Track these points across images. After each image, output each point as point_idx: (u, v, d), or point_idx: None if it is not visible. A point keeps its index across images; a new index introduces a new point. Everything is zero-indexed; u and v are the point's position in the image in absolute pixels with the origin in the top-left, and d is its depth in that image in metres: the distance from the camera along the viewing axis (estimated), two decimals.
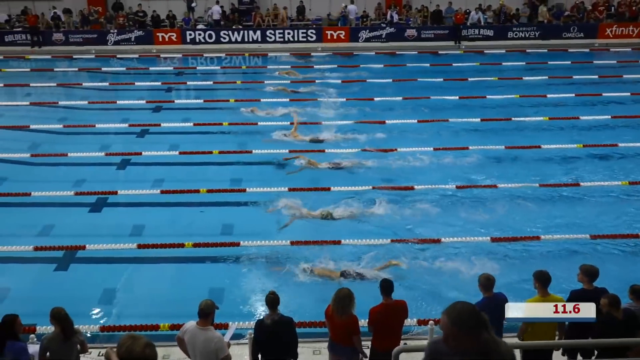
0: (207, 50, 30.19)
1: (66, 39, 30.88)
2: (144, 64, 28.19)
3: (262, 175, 15.41)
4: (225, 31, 31.36)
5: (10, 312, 6.94)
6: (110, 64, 28.43)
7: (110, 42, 30.94)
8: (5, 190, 14.39)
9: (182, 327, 7.08)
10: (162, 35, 31.20)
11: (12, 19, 32.69)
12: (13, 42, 30.73)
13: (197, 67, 27.05)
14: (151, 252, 11.71)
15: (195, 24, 32.40)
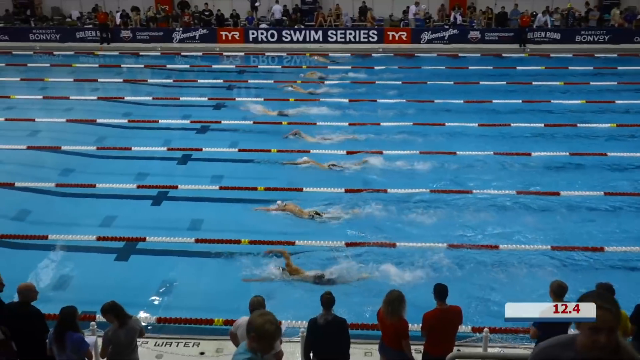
0: (268, 50, 30.49)
1: (133, 36, 31.73)
2: (207, 61, 28.72)
3: (318, 176, 15.42)
4: (287, 31, 31.59)
5: (73, 299, 7.17)
6: (175, 62, 29.07)
7: (175, 40, 31.63)
8: (72, 181, 14.93)
9: (235, 322, 7.17)
10: (226, 33, 31.68)
11: (83, 16, 33.82)
12: (83, 38, 31.79)
13: (259, 66, 27.36)
14: (208, 247, 11.91)
15: (258, 23, 32.77)
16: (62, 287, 10.76)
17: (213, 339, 9.02)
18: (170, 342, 8.90)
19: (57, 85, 24.13)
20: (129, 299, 9.97)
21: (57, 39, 31.72)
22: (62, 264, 11.55)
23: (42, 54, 29.92)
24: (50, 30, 32.11)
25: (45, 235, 12.16)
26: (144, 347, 8.13)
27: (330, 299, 7.18)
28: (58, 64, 28.20)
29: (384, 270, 10.96)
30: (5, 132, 18.63)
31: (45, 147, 17.40)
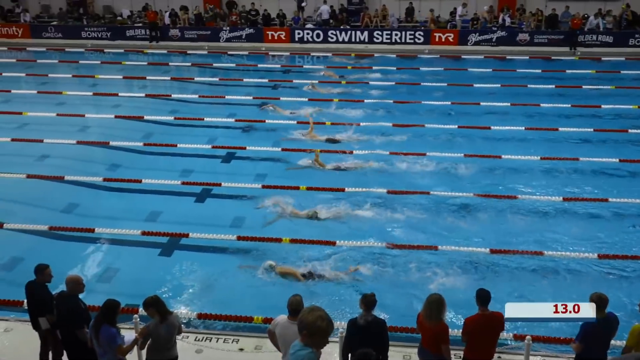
0: (314, 50, 30.57)
1: (182, 35, 32.23)
2: (252, 61, 28.97)
3: (360, 177, 15.38)
4: (333, 31, 31.61)
5: (116, 292, 7.32)
6: (221, 60, 29.40)
7: (222, 39, 31.99)
8: (119, 176, 15.26)
9: (273, 320, 7.21)
10: (272, 33, 31.89)
11: (134, 15, 34.52)
12: (133, 36, 32.44)
13: (304, 66, 27.47)
14: (249, 245, 12.01)
15: (304, 23, 32.89)
16: (106, 279, 11.00)
17: (252, 336, 9.10)
18: (210, 337, 9.01)
19: (106, 82, 24.70)
20: (170, 294, 10.19)
21: (108, 37, 32.45)
22: (107, 257, 11.81)
23: (93, 52, 30.66)
24: (101, 28, 32.87)
25: (92, 228, 12.47)
26: (185, 342, 8.25)
27: (372, 300, 7.15)
28: (108, 62, 28.85)
29: (424, 274, 10.88)
30: (57, 127, 19.15)
31: (94, 142, 17.82)
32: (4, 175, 15.27)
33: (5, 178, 15.16)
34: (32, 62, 28.54)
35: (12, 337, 9.08)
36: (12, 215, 13.29)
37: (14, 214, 13.36)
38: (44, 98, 22.42)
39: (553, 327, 9.13)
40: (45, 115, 20.14)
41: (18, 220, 12.91)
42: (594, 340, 6.95)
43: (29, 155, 16.93)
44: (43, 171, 15.56)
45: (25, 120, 19.92)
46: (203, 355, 8.61)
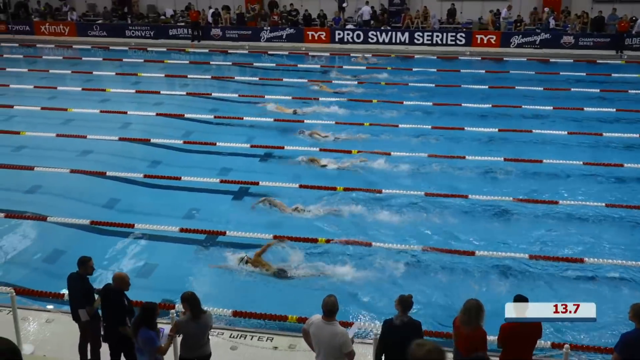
0: (354, 50, 30.53)
1: (223, 34, 32.55)
2: (292, 61, 29.08)
3: (400, 179, 15.31)
4: (374, 32, 31.53)
5: (154, 287, 7.42)
6: (262, 60, 29.58)
7: (263, 38, 32.21)
8: (159, 173, 15.49)
9: (307, 320, 7.21)
10: (312, 33, 31.97)
11: (177, 14, 35.01)
12: (175, 35, 32.90)
13: (343, 67, 27.43)
14: (284, 243, 12.03)
15: (345, 24, 32.87)
16: (144, 274, 11.16)
17: (286, 334, 9.13)
18: (245, 334, 9.07)
19: (149, 80, 25.11)
20: (207, 291, 10.27)
21: (151, 35, 32.98)
22: (145, 252, 11.98)
23: (137, 50, 31.21)
24: (145, 27, 33.43)
25: (132, 223, 12.68)
26: (219, 338, 8.32)
27: (409, 302, 7.10)
28: (151, 60, 29.31)
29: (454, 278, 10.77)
30: (100, 123, 19.53)
31: (136, 139, 18.11)
32: (49, 169, 15.64)
33: (50, 172, 15.52)
34: (78, 59, 29.19)
35: (53, 328, 9.29)
36: (56, 208, 13.60)
37: (58, 208, 13.68)
38: (88, 95, 22.91)
39: (593, 336, 8.95)
40: (89, 111, 20.59)
41: (61, 214, 13.21)
42: (635, 350, 6.77)
43: (72, 150, 17.32)
44: (86, 166, 15.90)
45: (69, 116, 20.38)
46: (237, 352, 8.67)
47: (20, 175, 15.45)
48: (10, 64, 28.12)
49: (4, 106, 21.16)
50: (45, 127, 18.92)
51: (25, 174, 15.47)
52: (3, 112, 20.67)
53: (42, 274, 11.30)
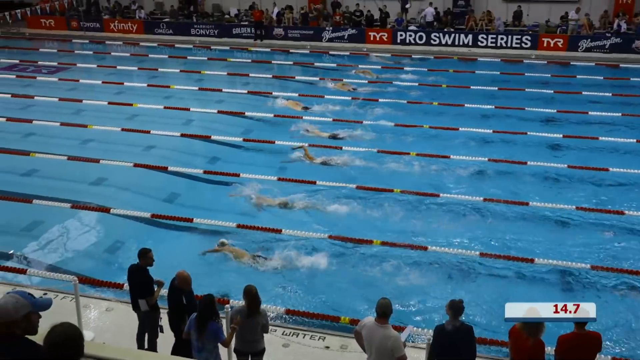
0: (415, 52, 30.24)
1: (285, 34, 32.81)
2: (353, 61, 29.01)
3: (459, 183, 15.11)
4: (436, 33, 31.16)
5: (211, 283, 7.54)
6: (323, 60, 29.65)
7: (324, 38, 32.29)
8: (218, 169, 15.75)
9: (360, 321, 7.19)
10: (374, 34, 31.84)
11: (241, 14, 35.50)
12: (239, 34, 33.35)
13: (404, 68, 27.20)
14: (340, 245, 12.05)
15: (407, 25, 32.62)
16: (202, 269, 11.34)
17: (338, 335, 9.13)
18: (297, 332, 9.12)
19: (212, 77, 25.54)
20: (262, 287, 10.36)
21: (215, 34, 33.53)
22: (204, 247, 12.17)
23: (201, 48, 31.78)
24: (209, 25, 34.03)
25: (190, 218, 12.93)
26: (272, 335, 8.39)
27: (460, 307, 6.99)
28: (214, 58, 29.82)
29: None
30: (163, 119, 20.02)
31: (197, 136, 18.45)
32: (113, 162, 16.13)
33: (114, 165, 16.00)
34: (144, 56, 29.98)
35: (112, 317, 9.58)
36: (119, 200, 14.03)
37: (120, 200, 14.10)
38: (153, 91, 23.50)
39: None
40: (154, 107, 21.11)
41: (123, 206, 13.61)
42: None
43: (136, 144, 17.81)
44: (148, 160, 16.32)
45: (135, 111, 20.96)
46: (290, 349, 8.73)
47: (86, 167, 15.99)
48: (81, 59, 29.14)
49: (74, 100, 21.96)
50: (111, 122, 19.53)
51: (91, 166, 16.01)
52: (73, 106, 21.45)
53: (103, 263, 11.67)
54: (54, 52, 31.06)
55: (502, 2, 32.79)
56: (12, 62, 28.13)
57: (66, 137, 18.44)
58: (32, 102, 22.07)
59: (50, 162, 16.39)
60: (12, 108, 21.42)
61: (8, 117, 20.11)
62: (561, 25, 31.03)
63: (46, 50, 31.31)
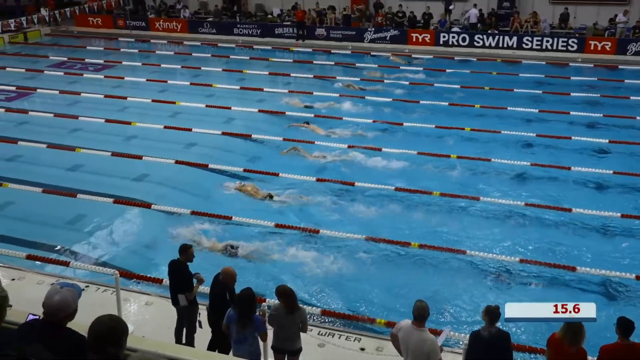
0: (458, 54, 29.92)
1: (327, 34, 32.83)
2: (394, 62, 28.82)
3: (500, 187, 14.91)
4: (480, 35, 30.78)
5: (250, 281, 7.60)
6: (364, 61, 29.56)
7: (366, 39, 32.20)
8: (258, 168, 15.83)
9: (396, 324, 7.15)
10: (416, 35, 31.63)
11: (283, 14, 35.69)
12: (281, 34, 33.52)
13: (446, 70, 26.93)
14: (379, 247, 12.01)
15: (451, 27, 32.31)
16: (242, 267, 11.41)
17: (374, 337, 9.11)
18: (333, 333, 9.12)
19: (253, 77, 25.72)
20: (299, 287, 10.41)
21: (258, 34, 33.77)
22: (246, 244, 12.19)
23: (243, 48, 32.03)
24: (252, 25, 34.30)
25: (230, 216, 13.05)
26: (308, 334, 8.39)
27: (497, 313, 6.89)
28: (256, 57, 30.02)
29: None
30: (205, 117, 20.24)
31: (238, 134, 18.60)
32: (155, 159, 16.38)
33: (156, 162, 16.26)
34: (188, 55, 30.37)
35: (151, 311, 9.73)
36: (160, 197, 14.24)
37: (162, 196, 14.31)
38: (196, 89, 23.78)
39: None
40: (196, 105, 21.37)
41: (164, 202, 13.82)
42: None
43: (178, 142, 18.05)
44: (190, 158, 16.53)
45: (177, 109, 21.26)
46: (325, 349, 8.73)
47: (129, 163, 16.29)
48: (126, 57, 29.70)
49: (119, 97, 22.40)
50: (154, 119, 19.85)
51: (134, 163, 16.30)
52: (118, 103, 21.88)
53: (144, 258, 11.86)
54: (101, 50, 31.74)
55: (548, 4, 32.22)
56: (61, 60, 28.85)
57: (110, 133, 18.82)
58: (79, 98, 22.61)
59: (95, 157, 16.75)
60: (60, 104, 21.98)
61: (56, 112, 20.63)
62: (609, 28, 30.31)
63: (93, 48, 32.01)
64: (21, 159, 16.95)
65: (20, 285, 9.76)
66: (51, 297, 4.23)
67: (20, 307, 6.15)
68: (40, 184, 14.83)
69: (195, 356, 6.26)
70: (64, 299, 4.23)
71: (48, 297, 4.25)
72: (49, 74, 26.18)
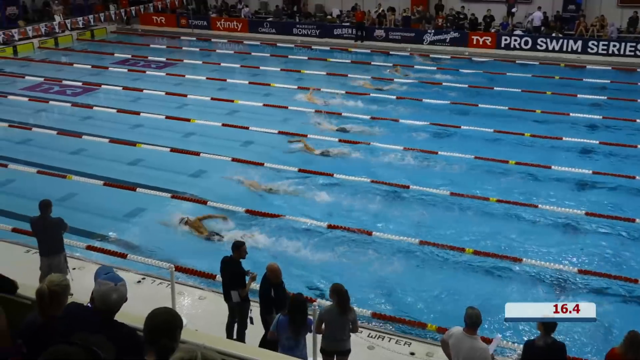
0: (520, 57, 29.27)
1: (386, 35, 32.66)
2: (454, 65, 28.42)
3: (558, 192, 14.54)
4: (543, 39, 30.04)
5: (300, 279, 7.63)
6: (422, 63, 29.22)
7: (425, 41, 31.88)
8: (313, 168, 15.88)
9: (448, 330, 7.06)
10: (477, 38, 31.12)
11: (343, 14, 35.71)
12: (340, 35, 33.55)
13: (507, 74, 26.38)
14: (431, 250, 11.89)
15: (513, 29, 31.66)
16: (290, 265, 11.46)
17: (424, 341, 9.01)
18: (383, 336, 9.08)
19: (311, 77, 25.83)
20: (351, 288, 10.39)
21: (317, 34, 33.88)
22: (293, 243, 12.28)
23: (302, 48, 32.19)
24: (311, 26, 34.45)
25: (281, 214, 13.15)
26: (358, 336, 8.38)
27: (553, 323, 6.71)
28: (314, 58, 30.11)
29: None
30: (262, 116, 20.43)
31: (294, 134, 18.61)
32: (213, 156, 16.63)
33: (213, 159, 16.50)
34: (247, 54, 30.75)
35: (204, 305, 9.90)
36: (215, 193, 14.46)
37: (217, 193, 14.52)
38: (254, 88, 24.04)
39: None
40: (253, 104, 21.60)
41: (220, 199, 14.03)
42: None
43: (235, 140, 18.30)
44: (246, 156, 16.73)
45: (235, 107, 21.56)
46: (374, 352, 8.69)
47: (187, 160, 16.60)
48: (187, 55, 30.31)
49: (179, 95, 22.87)
50: (213, 117, 20.17)
51: (191, 159, 16.61)
52: (178, 100, 22.35)
53: (198, 254, 12.04)
54: (163, 48, 32.47)
55: (616, 7, 31.16)
56: (125, 57, 29.65)
57: (170, 129, 19.25)
58: (141, 95, 23.20)
59: (154, 152, 17.16)
60: (123, 100, 22.62)
61: (119, 108, 21.23)
62: None
63: (156, 46, 32.76)
64: (84, 152, 17.52)
65: (80, 274, 10.06)
66: (109, 294, 4.27)
67: (79, 295, 6.36)
68: (101, 177, 15.31)
69: (245, 352, 6.32)
70: (121, 295, 4.32)
71: (105, 294, 4.27)
72: (113, 71, 26.98)
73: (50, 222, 9.66)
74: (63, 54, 31.13)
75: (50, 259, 9.67)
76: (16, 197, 14.32)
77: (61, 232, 9.83)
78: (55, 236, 9.74)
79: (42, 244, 9.83)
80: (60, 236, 9.82)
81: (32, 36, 31.60)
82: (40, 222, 9.70)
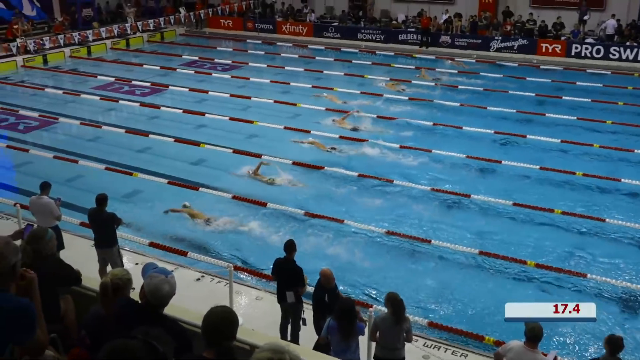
0: (591, 66, 28.37)
1: (452, 41, 32.26)
2: (521, 73, 27.77)
3: (627, 206, 14.00)
4: (616, 47, 29.03)
5: (353, 283, 7.61)
6: (489, 70, 28.69)
7: (492, 48, 31.31)
8: (374, 174, 15.80)
9: (505, 344, 6.89)
10: (546, 46, 30.34)
11: (408, 20, 35.49)
12: (404, 40, 33.35)
13: (577, 83, 25.61)
14: (491, 261, 11.64)
15: (584, 37, 30.72)
16: (345, 272, 11.38)
17: (482, 354, 8.83)
18: (439, 346, 8.94)
19: (374, 82, 25.75)
20: (407, 296, 10.29)
21: (381, 39, 33.79)
22: (350, 248, 12.23)
23: (366, 53, 32.13)
24: (376, 31, 34.39)
25: (342, 219, 13.14)
26: (413, 345, 8.28)
27: (619, 344, 6.48)
28: (378, 63, 30.02)
29: None
30: (324, 120, 20.47)
31: (355, 139, 18.57)
32: (274, 158, 16.73)
33: (275, 161, 16.61)
34: (311, 58, 30.94)
35: (261, 305, 10.00)
36: (275, 196, 14.56)
37: (277, 196, 14.62)
38: (316, 92, 24.12)
39: None
40: (316, 108, 21.69)
41: (278, 201, 14.13)
42: None
43: (297, 143, 18.41)
44: (307, 159, 16.81)
45: (297, 111, 21.70)
46: None
47: (249, 161, 16.75)
48: (253, 58, 30.72)
49: (244, 97, 23.20)
50: (275, 119, 20.37)
51: (253, 161, 16.74)
52: (242, 102, 22.68)
53: (254, 253, 12.16)
54: (229, 50, 33.07)
55: None
56: (192, 59, 30.35)
57: (233, 130, 19.55)
58: (206, 96, 23.67)
59: (217, 153, 17.46)
60: (189, 101, 23.13)
61: (184, 109, 21.72)
62: None
63: (222, 48, 33.41)
64: (150, 150, 18.01)
65: (139, 270, 10.30)
66: (161, 287, 4.34)
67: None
68: (166, 176, 15.69)
69: (300, 353, 6.33)
70: (172, 287, 4.41)
71: (157, 287, 4.35)
72: (180, 72, 27.65)
73: (104, 216, 10.06)
74: (134, 54, 32.12)
75: (103, 252, 10.17)
76: (85, 192, 14.75)
77: (114, 227, 10.15)
78: (108, 230, 10.10)
79: (96, 236, 10.36)
80: (112, 230, 10.15)
81: (105, 37, 32.73)
82: (96, 215, 10.11)
